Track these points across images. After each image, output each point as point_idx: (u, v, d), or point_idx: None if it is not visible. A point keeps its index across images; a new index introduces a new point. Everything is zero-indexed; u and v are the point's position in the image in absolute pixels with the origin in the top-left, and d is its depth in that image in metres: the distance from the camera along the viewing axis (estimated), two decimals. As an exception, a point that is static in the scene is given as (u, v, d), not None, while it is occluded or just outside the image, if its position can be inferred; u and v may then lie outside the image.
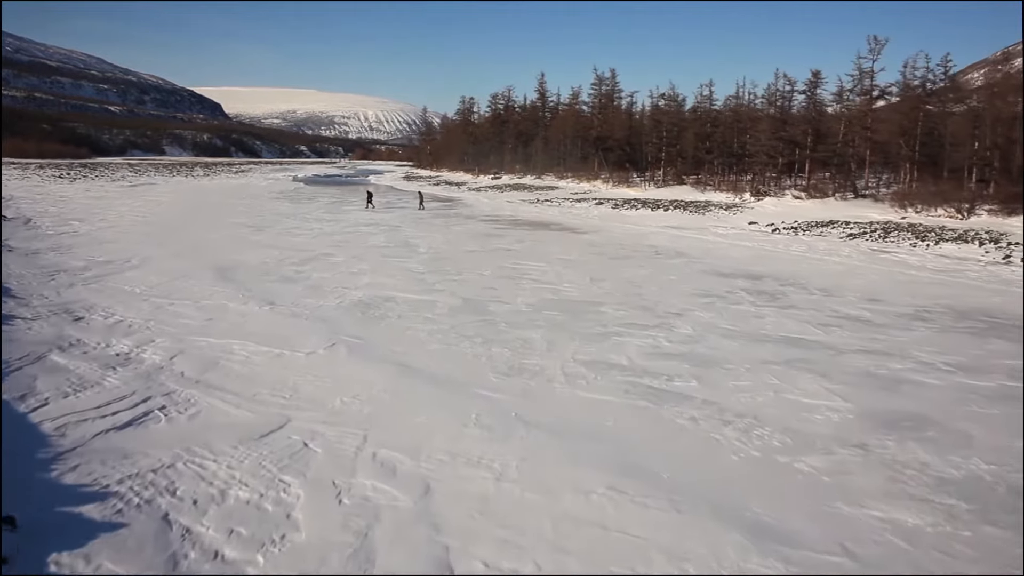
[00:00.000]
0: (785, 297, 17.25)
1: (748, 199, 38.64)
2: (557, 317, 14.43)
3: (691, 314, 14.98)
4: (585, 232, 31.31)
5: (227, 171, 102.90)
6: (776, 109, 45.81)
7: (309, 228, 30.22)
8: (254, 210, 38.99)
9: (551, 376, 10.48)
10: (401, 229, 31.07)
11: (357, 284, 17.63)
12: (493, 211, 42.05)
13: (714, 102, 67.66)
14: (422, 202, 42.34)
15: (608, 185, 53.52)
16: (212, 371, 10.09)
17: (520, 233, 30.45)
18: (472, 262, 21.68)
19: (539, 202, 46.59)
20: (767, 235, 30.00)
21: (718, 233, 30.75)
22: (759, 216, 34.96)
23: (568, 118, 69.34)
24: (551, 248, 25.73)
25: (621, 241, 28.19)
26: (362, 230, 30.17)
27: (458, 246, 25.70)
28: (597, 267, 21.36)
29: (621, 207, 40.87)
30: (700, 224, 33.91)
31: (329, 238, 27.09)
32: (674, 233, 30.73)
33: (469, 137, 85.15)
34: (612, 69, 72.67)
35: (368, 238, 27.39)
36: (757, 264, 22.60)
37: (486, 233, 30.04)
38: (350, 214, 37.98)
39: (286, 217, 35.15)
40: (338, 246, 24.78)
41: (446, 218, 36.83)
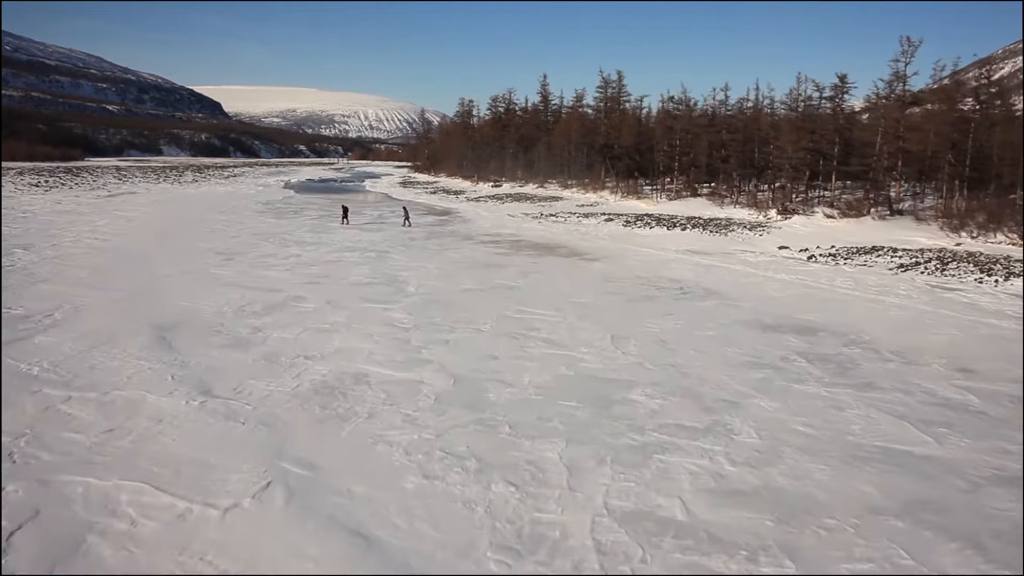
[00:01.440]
0: (856, 367, 13.86)
1: (774, 217, 35.17)
2: (577, 412, 11.05)
3: (749, 403, 11.60)
4: (596, 258, 27.89)
5: (219, 175, 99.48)
6: (798, 116, 42.32)
7: (286, 257, 26.81)
8: (232, 229, 35.57)
9: (579, 557, 7.08)
10: (389, 256, 27.65)
11: (325, 350, 14.24)
12: (493, 228, 38.63)
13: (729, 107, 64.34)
14: (407, 218, 38.92)
15: (616, 196, 50.03)
16: (63, 566, 6.68)
17: (524, 261, 27.04)
18: (468, 308, 18.28)
19: (543, 217, 43.14)
20: (803, 263, 26.57)
21: (747, 261, 27.31)
22: (788, 238, 31.52)
23: (572, 122, 65.86)
24: (560, 283, 22.31)
25: (638, 272, 24.76)
26: (345, 258, 26.76)
27: (453, 282, 22.28)
28: (616, 315, 17.94)
29: (633, 224, 37.41)
30: (724, 247, 30.47)
31: (306, 271, 23.67)
32: (697, 261, 27.30)
33: (468, 141, 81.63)
34: (619, 71, 69.13)
35: (350, 270, 23.97)
36: (804, 308, 19.19)
37: (485, 262, 26.62)
38: (336, 233, 34.55)
39: (265, 239, 31.73)
40: (314, 284, 21.36)
41: (441, 239, 33.41)
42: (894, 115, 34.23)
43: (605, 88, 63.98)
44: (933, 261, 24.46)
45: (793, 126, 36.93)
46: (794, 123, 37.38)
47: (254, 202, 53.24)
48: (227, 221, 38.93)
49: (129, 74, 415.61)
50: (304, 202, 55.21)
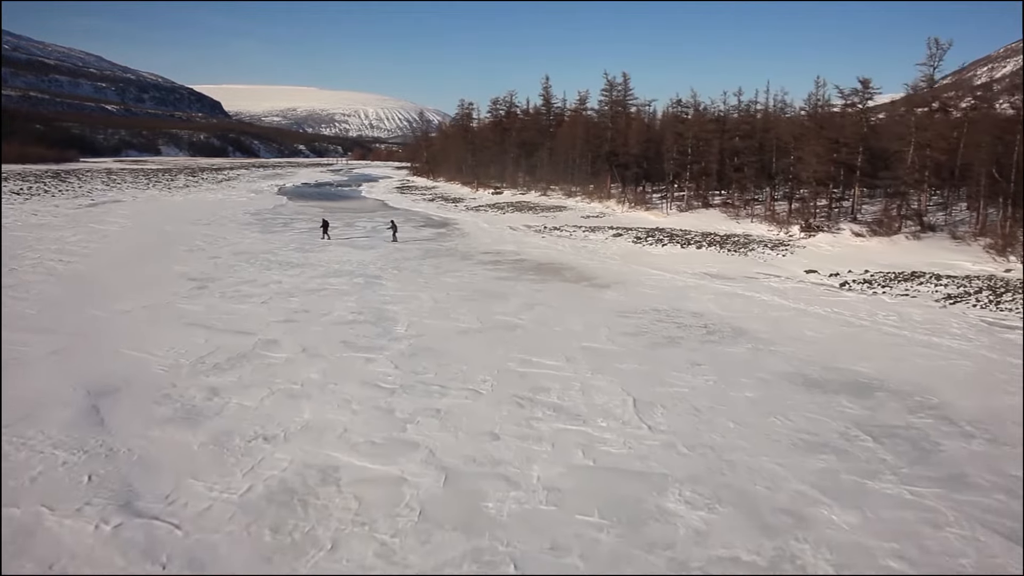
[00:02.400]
0: (936, 450, 11.45)
1: (796, 235, 32.62)
2: (600, 536, 8.62)
3: (817, 515, 9.17)
4: (607, 285, 25.39)
5: (212, 179, 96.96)
6: (820, 123, 39.73)
7: (265, 283, 24.31)
8: (212, 247, 33.08)
9: None
10: (379, 282, 25.15)
11: (291, 425, 11.80)
12: (494, 244, 36.12)
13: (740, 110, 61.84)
14: (395, 233, 36.42)
15: (623, 206, 47.47)
16: None
17: (527, 288, 24.54)
18: (465, 358, 15.81)
19: (546, 230, 40.61)
20: (836, 292, 24.07)
21: (773, 288, 24.82)
22: (815, 259, 29.01)
23: (576, 124, 63.29)
24: (569, 320, 19.83)
25: (655, 303, 22.28)
26: (330, 285, 24.25)
27: (448, 317, 19.80)
28: (636, 366, 15.47)
29: (644, 241, 34.89)
30: (745, 270, 27.97)
31: (284, 304, 21.18)
32: (719, 288, 24.80)
33: (468, 145, 79.04)
34: (624, 73, 66.55)
35: (334, 303, 21.47)
36: (850, 354, 16.73)
37: (485, 289, 24.12)
38: (323, 252, 32.05)
39: (246, 260, 29.24)
40: (290, 322, 18.87)
41: (437, 258, 30.90)
42: (924, 123, 31.67)
43: (610, 91, 61.40)
44: (984, 291, 21.96)
45: (818, 136, 34.34)
46: (819, 133, 34.80)
47: (243, 212, 50.73)
48: (209, 237, 36.42)
49: (129, 73, 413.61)
50: (295, 212, 52.69)
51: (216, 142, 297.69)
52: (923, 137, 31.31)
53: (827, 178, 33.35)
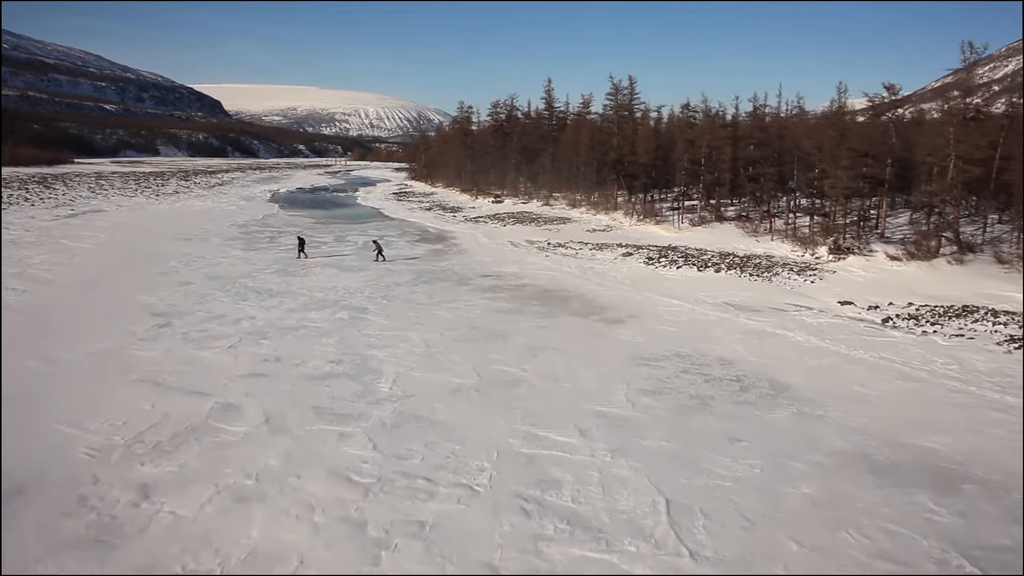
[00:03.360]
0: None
1: (824, 257, 29.88)
2: None
3: None
4: (620, 319, 22.71)
5: (205, 183, 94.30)
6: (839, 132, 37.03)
7: (237, 320, 21.65)
8: (187, 269, 30.45)
9: None
10: (366, 316, 22.48)
11: (232, 554, 9.26)
12: (494, 264, 33.44)
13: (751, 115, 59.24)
14: (380, 252, 33.75)
15: (631, 219, 44.74)
16: None
17: (531, 324, 21.88)
18: (458, 433, 13.20)
19: (550, 247, 37.90)
20: (879, 330, 21.38)
21: (806, 324, 22.14)
22: (847, 287, 26.33)
23: (580, 130, 60.53)
24: (579, 371, 17.18)
25: (676, 345, 19.62)
26: (310, 322, 21.59)
27: (441, 368, 17.17)
28: (664, 445, 12.84)
29: (656, 261, 32.19)
30: (772, 300, 25.28)
31: (255, 349, 18.54)
32: (745, 324, 22.13)
33: (467, 151, 76.28)
34: (630, 76, 63.87)
35: (312, 347, 18.82)
36: (916, 423, 14.10)
37: (483, 327, 21.44)
38: (307, 276, 29.37)
39: (220, 288, 26.58)
40: (257, 377, 16.24)
41: (431, 283, 28.23)
42: (963, 134, 28.95)
43: (615, 94, 58.64)
44: (1054, 334, 19.25)
45: (845, 148, 31.57)
46: (845, 144, 32.05)
47: (229, 224, 48.05)
48: (187, 256, 33.76)
49: (129, 72, 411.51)
50: (285, 223, 49.99)
51: (215, 142, 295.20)
52: (961, 149, 28.60)
53: (856, 193, 30.62)
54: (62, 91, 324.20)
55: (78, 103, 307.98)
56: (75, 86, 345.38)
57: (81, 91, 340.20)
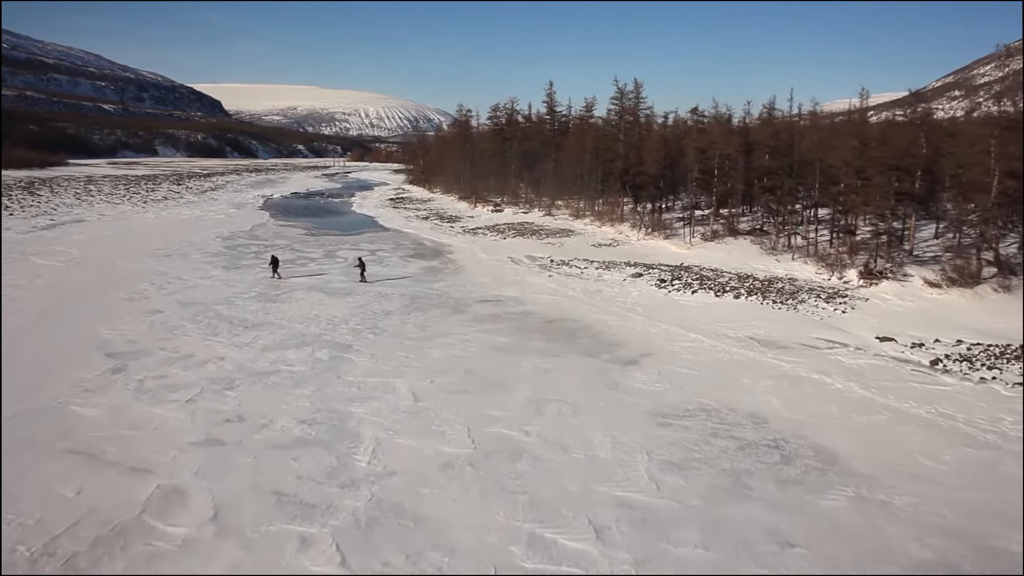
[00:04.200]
0: None
1: (854, 281, 27.36)
2: None
3: None
4: (634, 360, 20.25)
5: (197, 188, 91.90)
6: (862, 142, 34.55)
7: (203, 363, 19.20)
8: (160, 293, 28.03)
9: None
10: (349, 356, 20.04)
11: None
12: (493, 285, 30.97)
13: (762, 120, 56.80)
14: (363, 272, 31.26)
15: (639, 232, 42.22)
16: None
17: (534, 366, 19.43)
18: (447, 533, 10.79)
19: (553, 265, 35.39)
20: (928, 374, 18.92)
21: (844, 365, 19.69)
22: (884, 317, 23.87)
23: (584, 134, 57.96)
24: (593, 435, 14.76)
25: (700, 394, 17.18)
26: (286, 364, 19.14)
27: (429, 432, 14.74)
28: (702, 554, 10.41)
29: (669, 284, 29.70)
30: (800, 333, 22.80)
31: (217, 404, 16.10)
32: (775, 365, 19.68)
33: (466, 154, 73.77)
34: (635, 79, 61.49)
35: (283, 401, 16.37)
36: (1003, 515, 11.63)
37: (480, 372, 18.98)
38: (290, 302, 26.89)
39: (191, 319, 24.14)
40: (212, 447, 13.81)
41: (424, 311, 25.76)
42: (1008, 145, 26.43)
43: (621, 99, 56.13)
44: None
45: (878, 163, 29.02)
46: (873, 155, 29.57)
47: (214, 236, 45.58)
48: (163, 277, 31.31)
49: (128, 72, 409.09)
50: (274, 235, 47.51)
51: (214, 143, 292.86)
52: (1005, 163, 26.11)
53: (889, 210, 28.06)
54: (61, 91, 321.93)
55: (76, 103, 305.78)
56: (74, 86, 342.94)
57: (80, 91, 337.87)
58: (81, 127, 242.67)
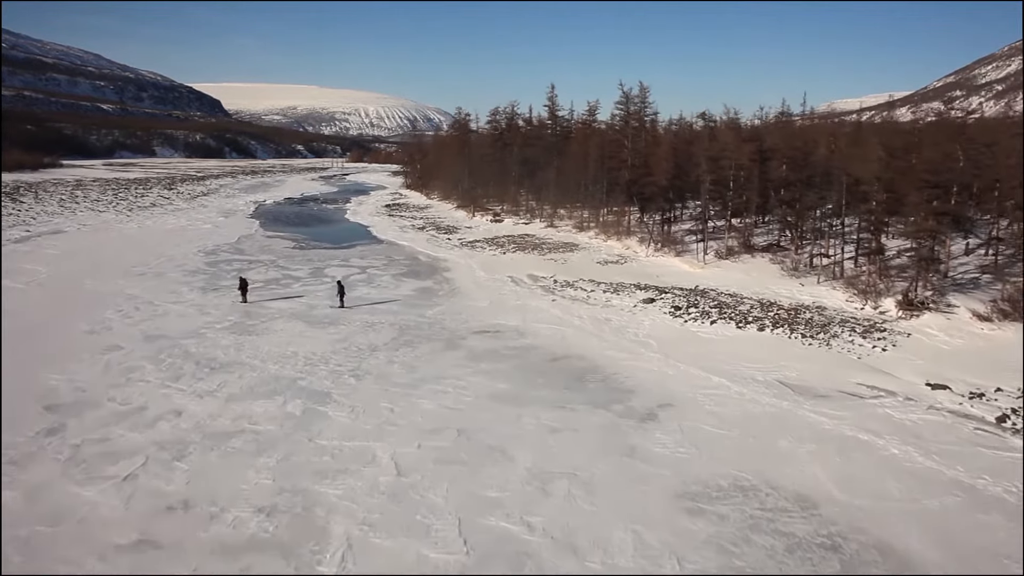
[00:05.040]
0: None
1: (891, 312, 24.70)
2: None
3: None
4: (652, 414, 17.66)
5: (188, 193, 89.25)
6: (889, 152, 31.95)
7: (154, 421, 16.65)
8: (124, 323, 25.48)
9: None
10: (325, 409, 17.48)
11: None
12: (492, 312, 28.37)
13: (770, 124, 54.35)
14: (343, 296, 28.64)
15: (648, 248, 39.54)
16: None
17: (539, 424, 16.85)
18: None
19: (557, 287, 32.72)
20: (997, 435, 16.34)
21: (895, 421, 17.11)
22: (931, 357, 21.27)
23: (587, 140, 55.27)
24: (607, 521, 12.23)
25: (733, 465, 14.61)
26: (251, 421, 16.57)
27: (413, 523, 12.21)
28: None
29: (684, 311, 27.07)
30: (838, 377, 20.18)
31: (159, 483, 13.56)
32: (815, 422, 17.09)
33: (465, 160, 71.05)
34: (641, 82, 58.88)
35: (241, 477, 13.81)
36: None
37: (474, 432, 16.41)
38: (267, 335, 24.29)
39: (155, 357, 21.59)
40: (142, 554, 11.25)
41: (415, 346, 23.16)
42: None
43: (626, 103, 53.50)
44: None
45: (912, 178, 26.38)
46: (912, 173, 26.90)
47: (197, 250, 42.97)
48: (132, 301, 28.73)
49: (128, 72, 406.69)
50: (260, 249, 44.88)
51: (212, 143, 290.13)
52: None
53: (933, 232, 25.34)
54: (60, 91, 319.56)
55: (75, 103, 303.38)
56: (73, 85, 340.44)
57: (79, 90, 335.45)
58: (79, 127, 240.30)
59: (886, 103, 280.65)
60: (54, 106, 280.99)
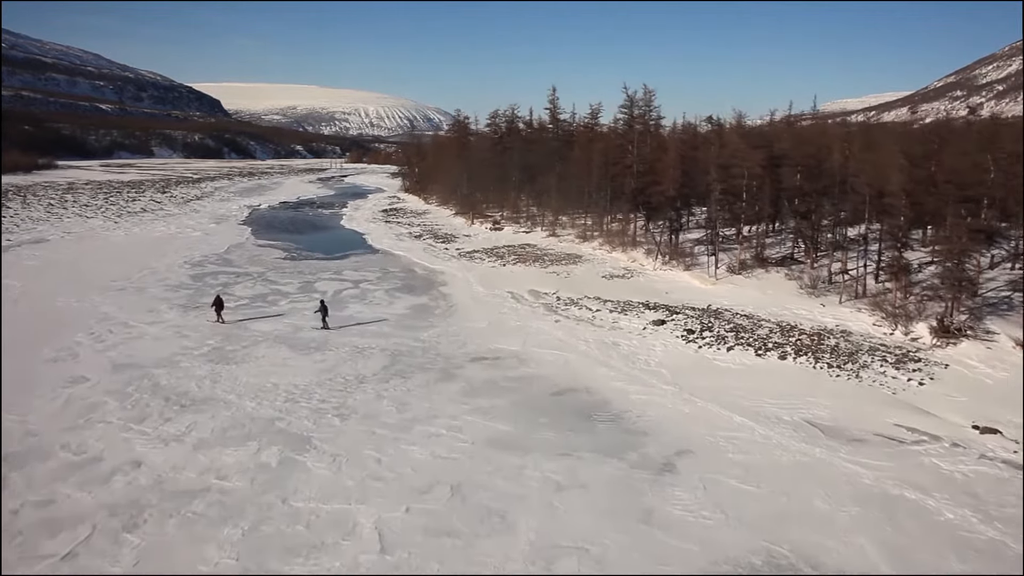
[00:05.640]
0: None
1: (925, 339, 22.78)
2: None
3: None
4: (669, 463, 15.79)
5: (181, 197, 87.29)
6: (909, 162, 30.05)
7: (112, 472, 14.78)
8: (92, 349, 23.60)
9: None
10: (304, 458, 15.62)
11: None
12: (491, 335, 26.47)
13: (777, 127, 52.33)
14: (325, 316, 26.72)
15: (655, 261, 37.59)
16: None
17: (543, 475, 14.98)
18: None
19: (560, 305, 30.77)
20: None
21: (944, 474, 15.22)
22: (974, 392, 19.37)
23: (590, 144, 53.27)
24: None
25: (766, 537, 12.76)
26: (219, 475, 14.70)
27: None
28: None
29: (698, 335, 25.13)
30: (872, 417, 18.28)
31: (106, 561, 11.65)
32: (851, 473, 15.19)
33: (463, 164, 69.07)
34: (644, 84, 56.97)
35: (197, 556, 11.93)
36: None
37: (470, 487, 14.54)
38: (247, 363, 22.39)
39: (121, 392, 19.73)
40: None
41: (406, 378, 21.27)
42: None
43: (630, 107, 51.48)
44: None
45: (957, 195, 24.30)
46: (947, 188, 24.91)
47: (183, 261, 41.06)
48: (106, 323, 26.86)
49: (127, 72, 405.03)
50: (249, 260, 42.94)
51: (211, 143, 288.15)
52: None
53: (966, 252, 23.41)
54: (59, 90, 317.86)
55: (73, 103, 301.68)
56: (73, 85, 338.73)
57: (79, 90, 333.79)
58: (77, 128, 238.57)
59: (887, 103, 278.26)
60: (52, 106, 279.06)
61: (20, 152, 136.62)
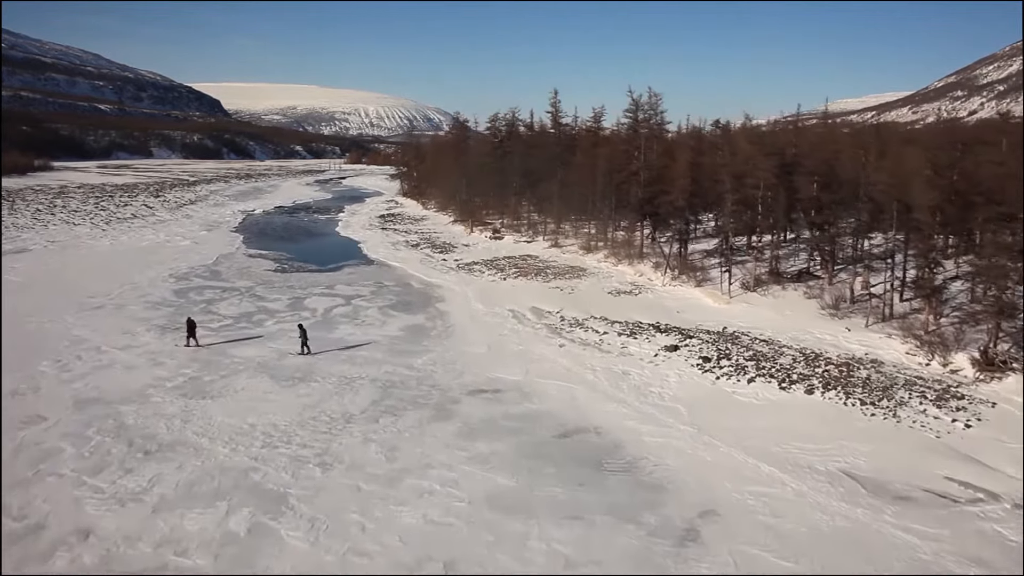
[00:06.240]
0: None
1: (967, 373, 20.78)
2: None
3: None
4: (691, 526, 13.91)
5: (174, 201, 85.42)
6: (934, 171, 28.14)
7: (54, 545, 12.87)
8: (57, 380, 21.69)
9: None
10: (277, 524, 13.72)
11: None
12: (489, 359, 24.61)
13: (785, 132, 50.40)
14: (306, 341, 24.81)
15: (664, 275, 35.66)
16: None
17: (548, 551, 13.08)
18: None
19: (564, 325, 28.86)
20: None
21: (1009, 544, 13.30)
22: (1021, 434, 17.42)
23: (594, 149, 51.35)
24: None
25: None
26: (176, 551, 12.81)
27: None
28: None
29: (715, 364, 23.12)
30: (917, 467, 16.37)
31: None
32: (898, 538, 13.30)
33: (462, 168, 67.11)
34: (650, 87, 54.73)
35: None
36: None
37: (465, 564, 12.58)
38: (223, 398, 20.49)
39: (80, 435, 17.86)
40: None
41: (397, 415, 19.36)
42: None
43: (635, 111, 49.48)
44: None
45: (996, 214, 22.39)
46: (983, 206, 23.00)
47: (168, 274, 39.14)
48: (75, 347, 24.95)
49: (127, 72, 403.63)
50: (239, 271, 41.00)
51: (210, 144, 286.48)
52: None
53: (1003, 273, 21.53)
54: (59, 91, 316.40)
55: (72, 103, 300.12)
56: (72, 85, 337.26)
57: (78, 91, 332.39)
58: (76, 128, 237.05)
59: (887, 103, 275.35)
60: (52, 106, 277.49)
61: (19, 153, 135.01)
